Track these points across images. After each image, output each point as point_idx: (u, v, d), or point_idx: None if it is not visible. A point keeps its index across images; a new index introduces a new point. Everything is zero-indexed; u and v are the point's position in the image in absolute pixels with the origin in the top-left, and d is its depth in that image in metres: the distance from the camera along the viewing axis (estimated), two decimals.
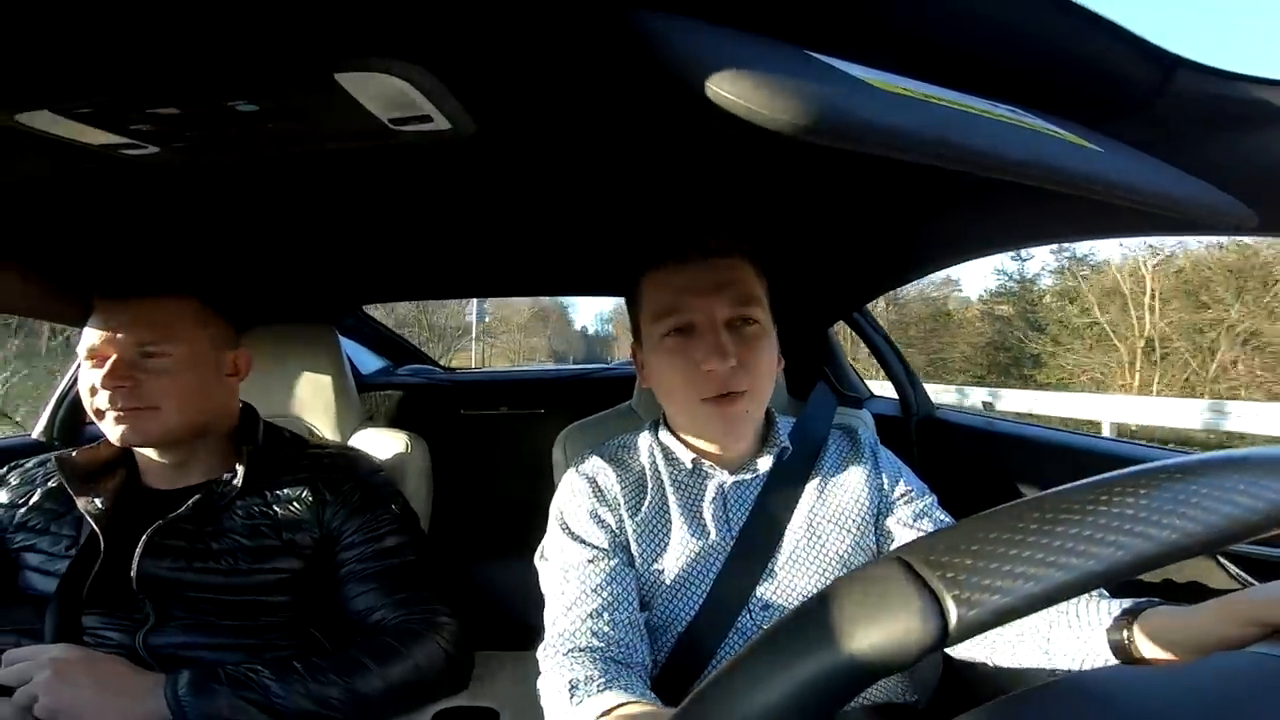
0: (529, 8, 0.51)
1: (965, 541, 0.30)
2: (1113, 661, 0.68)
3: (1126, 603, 0.70)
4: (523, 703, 0.92)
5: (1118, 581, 0.29)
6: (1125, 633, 0.66)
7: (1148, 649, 0.64)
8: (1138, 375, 17.79)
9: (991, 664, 0.82)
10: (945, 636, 0.27)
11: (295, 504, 1.00)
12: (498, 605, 1.25)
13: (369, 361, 2.23)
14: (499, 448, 1.93)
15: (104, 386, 0.92)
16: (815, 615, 0.30)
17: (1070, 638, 0.72)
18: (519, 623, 1.08)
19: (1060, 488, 0.32)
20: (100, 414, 0.94)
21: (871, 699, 0.86)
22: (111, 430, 0.94)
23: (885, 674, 0.28)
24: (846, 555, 0.88)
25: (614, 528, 0.89)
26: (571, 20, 0.52)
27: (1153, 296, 18.02)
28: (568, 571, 0.86)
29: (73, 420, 1.51)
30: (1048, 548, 0.29)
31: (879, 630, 0.28)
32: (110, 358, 0.93)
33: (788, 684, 0.28)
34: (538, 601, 0.88)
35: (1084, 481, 0.32)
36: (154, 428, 0.96)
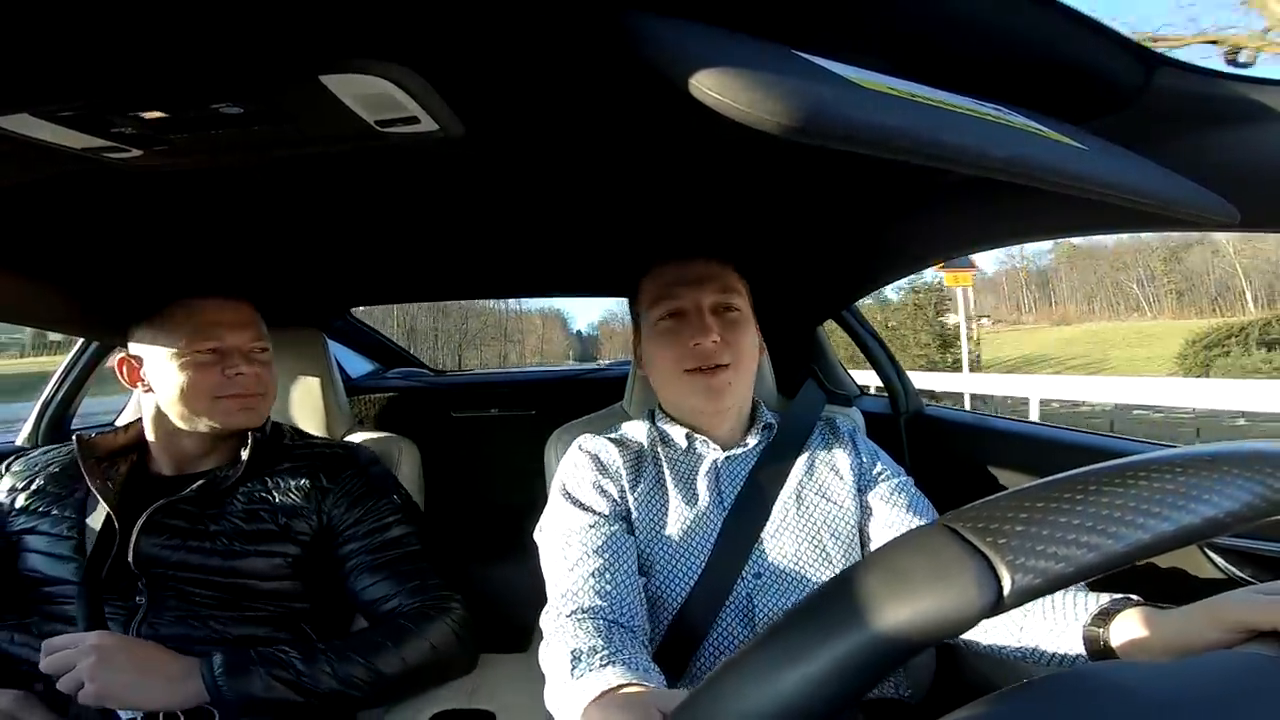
0: (516, 8, 0.51)
1: (1014, 510, 0.30)
2: (1085, 656, 0.68)
3: (1105, 599, 0.70)
4: (518, 704, 0.92)
5: (1164, 552, 0.29)
6: (1102, 630, 0.67)
7: (1124, 648, 0.65)
8: None
9: (965, 647, 0.83)
10: (1000, 602, 0.27)
11: (295, 491, 1.03)
12: (491, 608, 1.24)
13: (358, 365, 2.21)
14: (490, 450, 1.93)
15: (244, 373, 1.03)
16: (860, 584, 0.29)
17: (1045, 630, 0.73)
18: (513, 625, 1.08)
19: (1101, 464, 0.33)
20: (218, 402, 1.01)
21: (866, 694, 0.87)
22: (233, 417, 1.03)
23: (936, 642, 0.28)
24: (832, 523, 0.94)
25: (615, 497, 0.94)
26: (559, 20, 0.52)
27: None
28: (569, 536, 0.88)
29: (59, 424, 1.49)
30: (1097, 517, 0.29)
31: (931, 598, 0.27)
32: (233, 349, 1.03)
33: (830, 655, 0.27)
34: (532, 603, 0.88)
35: (1125, 460, 0.33)
36: (265, 411, 1.08)
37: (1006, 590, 0.27)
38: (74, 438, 1.03)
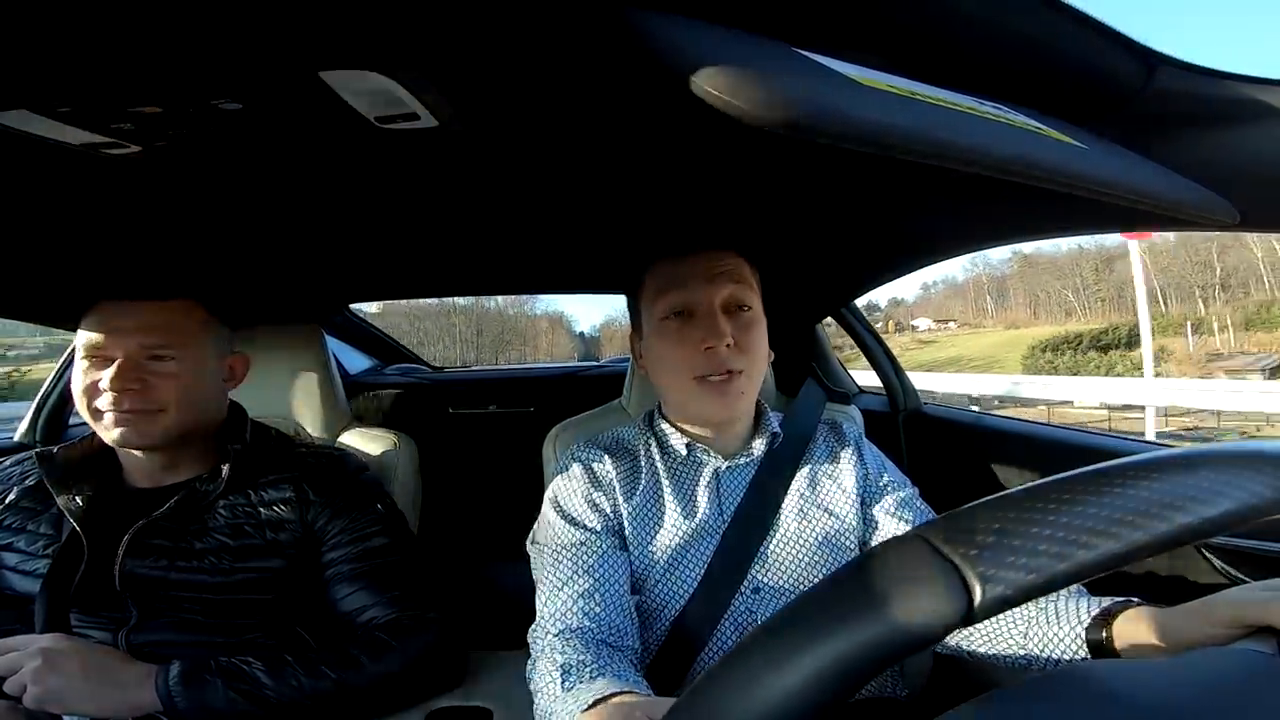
0: (516, 5, 0.51)
1: (986, 520, 0.30)
2: (1088, 658, 0.69)
3: (1105, 601, 0.71)
4: (515, 701, 0.92)
5: (1137, 560, 0.29)
6: (1104, 631, 0.68)
7: (1126, 648, 0.65)
8: None
9: (969, 656, 0.83)
10: (970, 613, 0.27)
11: (279, 504, 1.00)
12: (489, 604, 1.25)
13: (357, 361, 2.21)
14: (488, 446, 1.93)
15: (111, 388, 0.91)
16: (834, 595, 0.29)
17: (1048, 634, 0.73)
18: (511, 621, 1.08)
19: (1076, 471, 0.33)
20: (98, 414, 0.93)
21: (861, 693, 0.87)
22: (110, 432, 0.93)
23: (909, 653, 0.28)
24: (835, 539, 0.91)
25: (608, 512, 0.91)
26: (559, 16, 0.52)
27: None
28: (560, 553, 0.87)
29: (56, 421, 1.49)
30: (1069, 526, 0.29)
31: (903, 608, 0.27)
32: (117, 358, 0.92)
33: (806, 666, 0.27)
34: (529, 599, 0.88)
35: (1100, 465, 0.33)
36: (156, 430, 0.95)
37: (977, 601, 0.27)
38: (34, 454, 0.99)
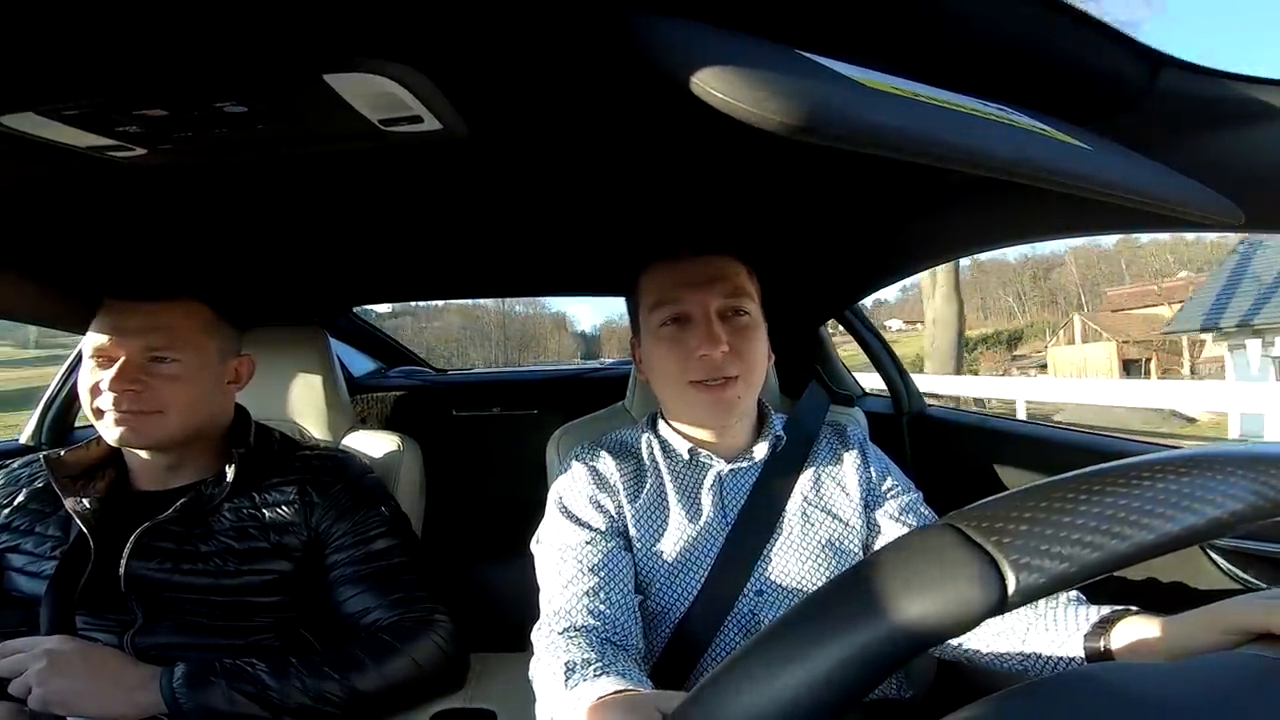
0: (520, 7, 0.51)
1: (1016, 509, 0.29)
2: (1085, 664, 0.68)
3: (1105, 609, 0.71)
4: (519, 704, 0.92)
5: (1168, 552, 0.29)
6: (1102, 640, 0.67)
7: (1124, 656, 0.65)
8: None
9: (967, 661, 0.83)
10: (1004, 601, 0.27)
11: (284, 506, 1.00)
12: (493, 607, 1.25)
13: (361, 363, 2.21)
14: (492, 449, 1.92)
15: (111, 388, 0.92)
16: (862, 584, 0.29)
17: (1046, 640, 0.73)
18: (514, 624, 1.08)
19: (1103, 465, 0.33)
20: (100, 414, 0.94)
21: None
22: (110, 431, 0.94)
23: (940, 642, 0.28)
24: (838, 542, 0.91)
25: (612, 512, 0.91)
26: (563, 19, 0.52)
27: None
28: (564, 552, 0.87)
29: (61, 424, 1.50)
30: (1101, 516, 0.29)
31: (934, 597, 0.27)
32: (119, 359, 0.93)
33: (831, 655, 0.27)
34: (533, 602, 0.88)
35: (1128, 460, 0.33)
36: (155, 432, 0.96)
37: (1011, 589, 0.27)
38: (42, 457, 1.00)
